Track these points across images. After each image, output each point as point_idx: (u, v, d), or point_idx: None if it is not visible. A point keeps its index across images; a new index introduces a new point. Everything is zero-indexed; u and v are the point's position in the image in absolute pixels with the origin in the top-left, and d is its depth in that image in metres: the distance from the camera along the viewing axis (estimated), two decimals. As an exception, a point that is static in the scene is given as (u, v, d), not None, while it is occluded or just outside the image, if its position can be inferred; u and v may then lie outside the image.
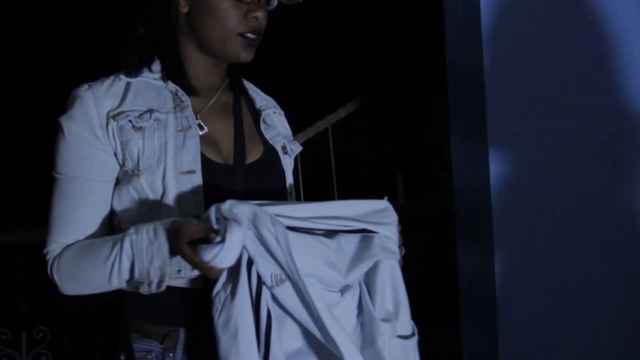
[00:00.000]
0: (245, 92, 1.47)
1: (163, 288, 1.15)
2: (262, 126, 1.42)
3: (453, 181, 1.62)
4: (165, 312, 1.24)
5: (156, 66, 1.33)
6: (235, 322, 1.02)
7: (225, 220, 1.04)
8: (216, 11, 1.27)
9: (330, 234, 1.13)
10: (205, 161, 1.26)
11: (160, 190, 1.23)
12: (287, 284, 1.05)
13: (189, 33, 1.32)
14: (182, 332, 1.23)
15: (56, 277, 1.26)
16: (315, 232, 1.12)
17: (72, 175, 1.26)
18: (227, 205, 1.06)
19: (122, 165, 1.26)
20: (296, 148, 1.49)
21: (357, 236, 1.15)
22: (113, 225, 1.31)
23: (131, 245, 1.17)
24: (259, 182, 1.33)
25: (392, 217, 1.17)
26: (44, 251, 1.29)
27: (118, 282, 1.20)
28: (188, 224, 1.11)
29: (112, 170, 1.28)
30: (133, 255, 1.16)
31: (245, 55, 1.31)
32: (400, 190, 5.41)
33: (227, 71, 1.43)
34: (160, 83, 1.31)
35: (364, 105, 4.06)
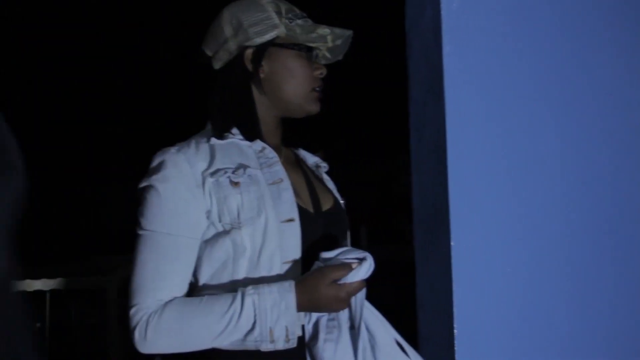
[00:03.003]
0: (298, 147, 1.58)
1: (293, 344, 1.21)
2: (324, 178, 1.54)
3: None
4: None
5: (234, 130, 1.39)
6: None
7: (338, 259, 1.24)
8: (295, 72, 1.39)
9: None
10: (299, 210, 1.32)
11: (260, 241, 1.28)
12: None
13: (264, 95, 1.41)
14: None
15: (150, 334, 1.23)
16: None
17: (167, 232, 1.28)
18: (335, 253, 1.24)
19: (217, 222, 1.29)
20: (342, 203, 1.59)
21: None
22: (195, 282, 1.32)
23: (253, 304, 1.22)
24: (335, 228, 1.41)
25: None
26: (133, 310, 1.25)
27: (229, 339, 1.22)
28: (326, 267, 1.22)
29: (202, 228, 1.30)
30: (255, 316, 1.21)
31: (317, 107, 1.42)
32: (364, 241, 5.41)
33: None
34: (246, 143, 1.38)
35: (328, 157, 4.07)
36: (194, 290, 1.31)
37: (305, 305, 1.25)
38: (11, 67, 5.21)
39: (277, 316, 1.23)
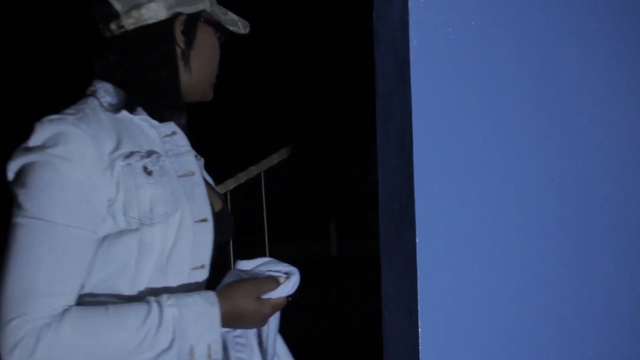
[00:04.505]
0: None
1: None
2: (205, 174, 1.37)
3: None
4: None
5: (139, 108, 1.19)
6: None
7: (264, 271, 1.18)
8: (214, 53, 1.27)
9: None
10: (212, 209, 1.19)
11: (171, 242, 1.11)
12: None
13: (185, 72, 1.25)
14: None
15: (40, 354, 0.96)
16: None
17: (68, 224, 1.04)
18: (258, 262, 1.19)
19: (120, 214, 1.09)
20: None
21: None
22: (82, 294, 1.10)
23: (173, 318, 1.04)
24: (226, 229, 1.29)
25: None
26: (15, 321, 0.97)
27: (140, 358, 1.03)
28: (249, 280, 1.12)
29: (101, 221, 1.09)
30: (174, 332, 1.04)
31: (212, 95, 1.32)
32: (333, 240, 5.39)
33: None
34: (155, 122, 1.19)
35: (298, 151, 4.06)
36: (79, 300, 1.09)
37: (226, 319, 1.09)
38: None
39: (200, 332, 1.04)
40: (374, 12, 1.65)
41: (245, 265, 1.17)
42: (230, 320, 1.10)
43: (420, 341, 1.43)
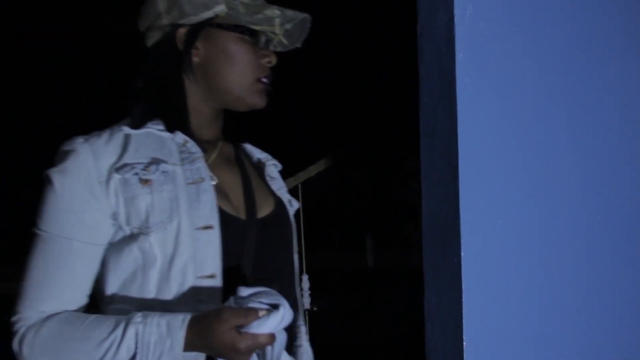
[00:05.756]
0: (242, 143, 1.42)
1: None
2: (267, 178, 1.37)
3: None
4: None
5: (156, 119, 1.24)
6: None
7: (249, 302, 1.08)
8: (235, 59, 1.22)
9: None
10: (222, 215, 1.17)
11: (171, 249, 1.12)
12: None
13: (198, 83, 1.25)
14: None
15: (26, 351, 1.09)
16: None
17: (59, 235, 1.12)
18: (247, 292, 1.08)
19: (125, 225, 1.14)
20: (295, 204, 1.42)
21: None
22: (101, 294, 1.17)
23: (136, 335, 1.06)
24: (272, 237, 1.27)
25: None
26: (14, 318, 1.11)
27: None
28: (228, 308, 1.05)
29: (105, 233, 1.15)
30: (136, 349, 1.05)
31: (262, 101, 1.27)
32: (369, 251, 5.36)
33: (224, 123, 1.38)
34: (167, 135, 1.22)
35: (335, 163, 4.07)
36: (101, 302, 1.17)
37: (197, 346, 1.08)
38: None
39: (159, 353, 1.05)
40: (417, 27, 1.66)
41: (244, 292, 1.10)
42: (201, 348, 1.08)
43: (465, 356, 1.42)
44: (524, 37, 1.49)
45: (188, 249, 1.12)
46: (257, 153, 1.43)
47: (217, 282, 1.15)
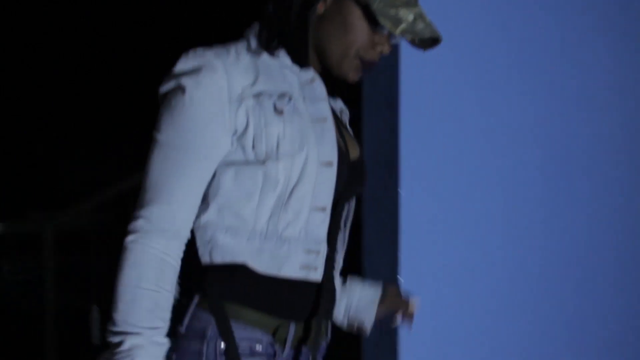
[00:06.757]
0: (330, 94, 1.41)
1: None
2: (347, 125, 1.41)
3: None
4: (281, 302, 1.18)
5: (282, 53, 1.25)
6: None
7: None
8: (350, 26, 1.24)
9: None
10: (340, 155, 1.21)
11: (295, 179, 1.16)
12: None
13: (314, 34, 1.26)
14: (292, 327, 1.18)
15: (125, 255, 1.10)
16: None
17: (178, 145, 1.14)
18: None
19: (249, 148, 1.15)
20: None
21: None
22: (204, 211, 1.17)
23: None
24: (357, 180, 1.30)
25: None
26: (137, 222, 1.12)
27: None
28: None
29: (222, 150, 1.16)
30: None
31: (354, 77, 1.28)
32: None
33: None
34: (296, 68, 1.24)
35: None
36: (201, 216, 1.18)
37: None
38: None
39: None
40: None
41: None
42: None
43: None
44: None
45: (311, 181, 1.17)
46: (334, 101, 1.42)
47: (326, 216, 1.21)
